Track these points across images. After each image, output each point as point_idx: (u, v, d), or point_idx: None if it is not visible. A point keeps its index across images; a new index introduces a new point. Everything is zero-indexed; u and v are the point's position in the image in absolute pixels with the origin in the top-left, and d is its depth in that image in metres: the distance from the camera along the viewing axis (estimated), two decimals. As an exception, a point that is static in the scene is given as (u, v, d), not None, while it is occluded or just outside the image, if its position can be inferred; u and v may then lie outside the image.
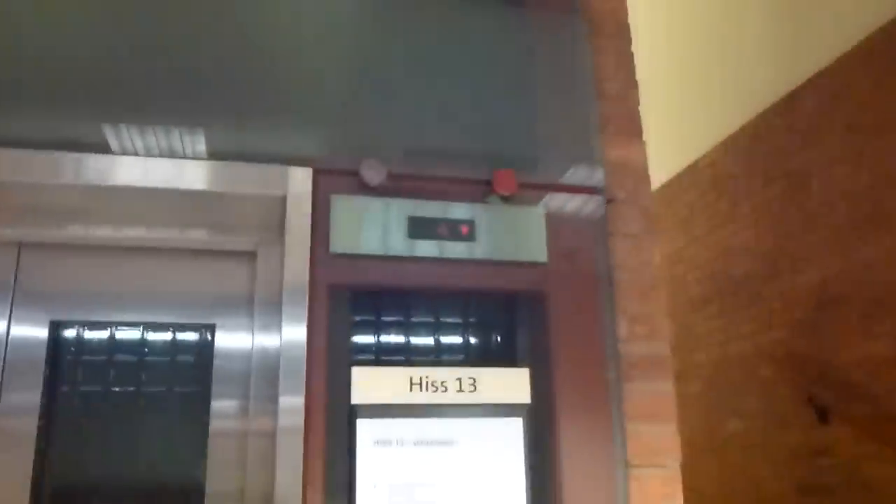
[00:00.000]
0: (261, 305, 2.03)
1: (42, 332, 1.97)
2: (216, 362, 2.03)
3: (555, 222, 2.11)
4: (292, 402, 1.81)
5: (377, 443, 1.84)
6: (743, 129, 4.86)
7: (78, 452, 1.95)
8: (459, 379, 1.92)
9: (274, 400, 1.84)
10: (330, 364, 1.87)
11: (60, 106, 1.93)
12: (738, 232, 4.88)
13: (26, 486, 1.86)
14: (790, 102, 4.42)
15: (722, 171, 5.08)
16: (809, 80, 4.25)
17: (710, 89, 4.95)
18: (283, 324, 1.87)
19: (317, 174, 1.98)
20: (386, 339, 2.02)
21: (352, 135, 2.07)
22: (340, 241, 1.93)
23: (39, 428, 1.90)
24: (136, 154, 1.93)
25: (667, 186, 5.70)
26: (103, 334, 2.02)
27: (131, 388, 2.00)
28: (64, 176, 1.87)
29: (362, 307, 2.02)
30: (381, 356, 2.01)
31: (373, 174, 1.99)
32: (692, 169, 5.43)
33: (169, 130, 1.96)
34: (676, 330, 5.39)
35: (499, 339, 2.10)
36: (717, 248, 5.10)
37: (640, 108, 2.35)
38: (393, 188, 2.02)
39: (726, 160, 5.04)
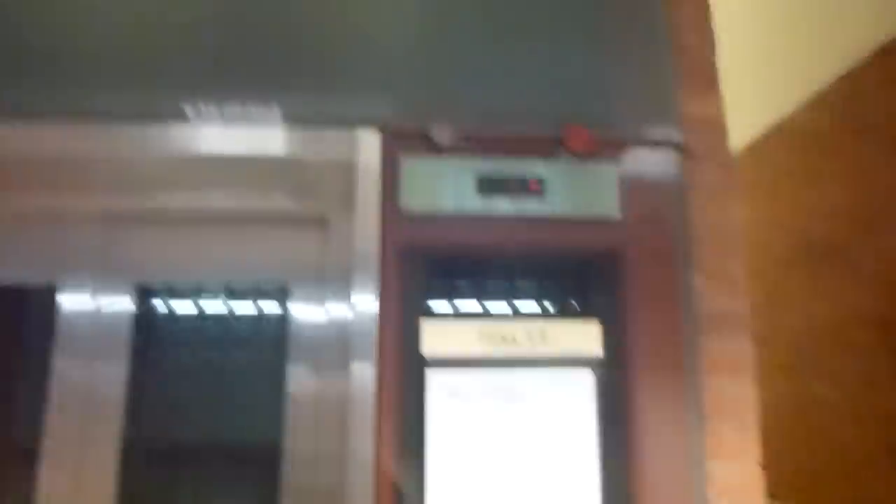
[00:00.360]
0: (332, 270, 2.08)
1: (128, 301, 2.07)
2: (290, 323, 2.09)
3: (630, 179, 2.09)
4: (364, 365, 1.86)
5: (448, 394, 1.87)
6: (834, 83, 4.65)
7: (163, 417, 2.05)
8: (529, 331, 1.93)
9: (346, 363, 1.89)
10: (402, 324, 1.91)
11: (137, 78, 2.01)
12: (828, 191, 4.70)
13: (115, 451, 1.97)
14: (886, 53, 4.21)
15: (811, 128, 4.89)
16: (908, 29, 4.04)
17: (796, 41, 4.74)
18: (355, 287, 1.91)
19: (386, 137, 2.00)
20: (458, 296, 2.05)
21: (419, 96, 2.08)
22: (411, 203, 1.96)
23: (127, 392, 2.00)
24: (200, 122, 1.99)
25: (751, 145, 5.53)
26: (186, 302, 2.11)
27: (212, 354, 2.09)
28: (141, 147, 1.95)
29: (434, 267, 2.05)
30: (454, 314, 2.04)
31: (442, 135, 2.00)
32: (778, 127, 5.24)
33: (242, 98, 2.01)
34: (761, 292, 5.26)
35: (571, 294, 2.10)
36: (805, 208, 4.93)
37: (720, 61, 2.28)
38: (462, 148, 2.03)
39: (816, 116, 4.84)
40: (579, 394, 1.93)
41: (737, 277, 2.11)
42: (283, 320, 2.10)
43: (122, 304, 2.06)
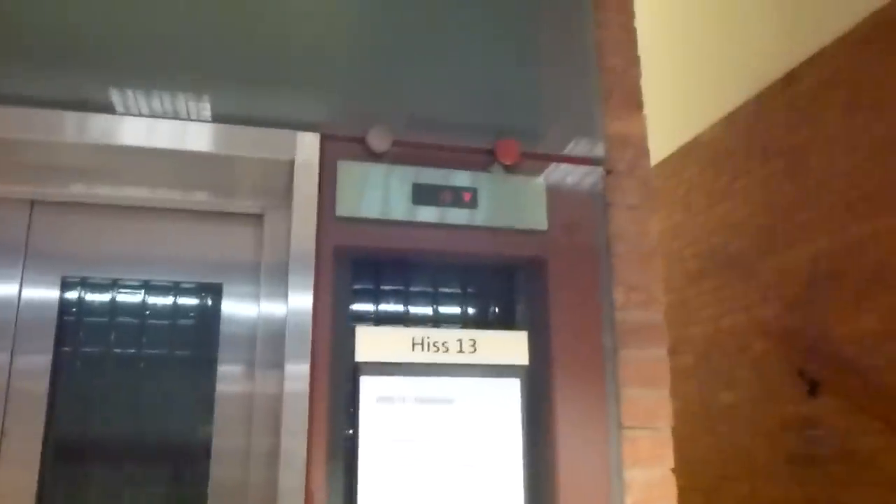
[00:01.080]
0: (267, 267, 2.09)
1: (54, 291, 2.02)
2: (223, 322, 2.09)
3: (555, 192, 2.17)
4: (298, 364, 1.86)
5: (379, 399, 1.91)
6: (743, 106, 4.90)
7: (89, 410, 2.01)
8: (460, 340, 1.99)
9: (279, 361, 1.89)
10: (335, 326, 1.93)
11: (69, 66, 1.97)
12: (735, 207, 4.94)
13: (38, 443, 1.92)
14: (790, 80, 4.46)
15: (721, 147, 5.12)
16: (810, 59, 4.28)
17: (711, 66, 4.98)
18: (290, 286, 1.91)
19: (324, 140, 2.03)
20: (389, 301, 2.09)
21: (358, 102, 2.11)
22: (346, 206, 1.98)
23: (51, 385, 1.96)
24: (142, 115, 1.96)
25: (667, 161, 5.75)
26: (115, 293, 2.08)
27: (142, 348, 2.07)
28: (84, 135, 1.91)
29: (367, 271, 2.09)
30: (385, 319, 2.08)
31: (379, 141, 2.04)
32: (692, 144, 5.47)
33: (177, 94, 2.00)
34: (672, 303, 5.47)
35: (498, 303, 2.17)
36: (714, 222, 5.16)
37: (642, 82, 2.39)
38: (398, 155, 2.07)
39: (726, 136, 5.08)
40: (506, 401, 1.99)
41: (653, 289, 2.20)
42: (215, 316, 2.10)
43: (47, 295, 2.02)
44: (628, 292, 2.17)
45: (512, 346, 2.03)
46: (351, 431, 1.90)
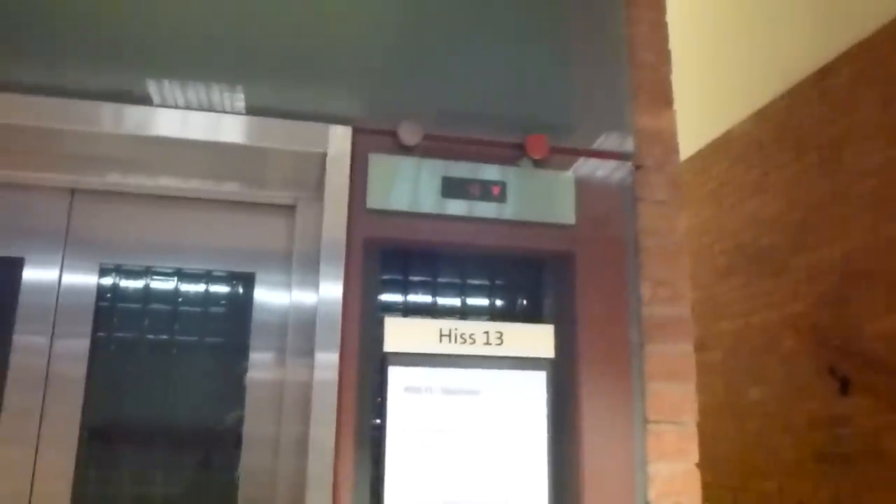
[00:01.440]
0: (299, 257, 2.13)
1: (92, 277, 2.07)
2: (255, 310, 2.14)
3: (584, 186, 2.18)
4: (328, 353, 1.90)
5: (407, 389, 1.94)
6: (775, 101, 4.85)
7: (124, 395, 2.07)
8: (487, 332, 2.01)
9: (310, 350, 1.93)
10: (364, 317, 1.96)
11: (108, 59, 2.02)
12: (766, 203, 4.90)
13: (76, 426, 1.98)
14: (824, 75, 4.41)
15: (753, 142, 5.08)
16: (844, 54, 4.23)
17: (743, 61, 4.93)
18: (321, 277, 1.95)
19: (356, 133, 2.06)
20: (418, 293, 2.12)
21: (390, 96, 2.14)
22: (377, 198, 2.02)
23: (89, 369, 2.01)
24: (178, 107, 2.01)
25: (697, 156, 5.71)
26: (150, 280, 2.13)
27: (176, 334, 2.12)
28: (121, 126, 1.96)
29: (396, 262, 2.12)
30: (413, 310, 2.11)
31: (410, 135, 2.07)
32: (723, 139, 5.43)
33: (212, 86, 2.04)
34: (701, 298, 5.44)
35: (526, 296, 2.19)
36: (745, 218, 5.12)
37: (672, 77, 2.39)
38: (428, 148, 2.09)
39: (758, 131, 5.03)
40: (532, 393, 2.01)
41: (680, 285, 2.21)
42: (247, 305, 2.14)
43: (86, 281, 2.07)
44: (655, 287, 2.18)
45: (538, 339, 2.05)
46: (378, 421, 1.93)
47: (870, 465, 3.83)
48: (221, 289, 2.17)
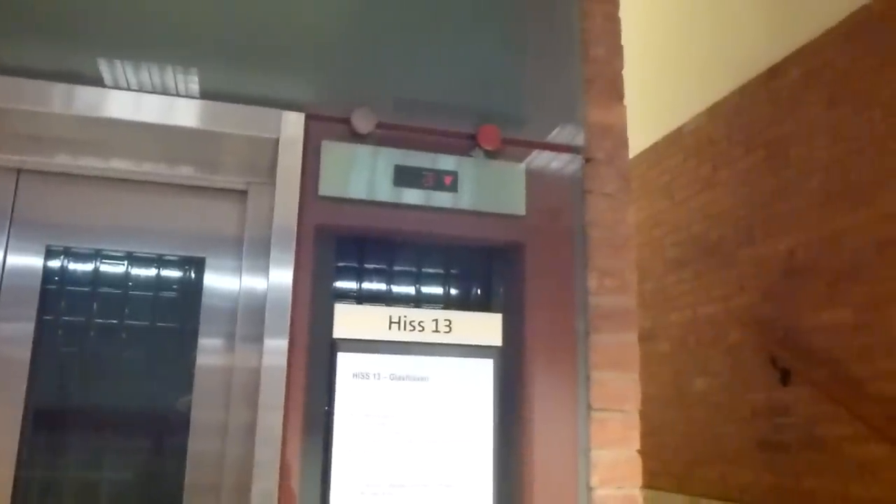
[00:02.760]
0: (250, 243, 2.13)
1: (38, 259, 2.04)
2: (205, 295, 2.13)
3: (535, 178, 2.21)
4: (277, 339, 1.91)
5: (355, 376, 1.96)
6: (726, 98, 4.94)
7: (70, 379, 2.05)
8: (436, 320, 2.04)
9: (259, 336, 1.93)
10: (314, 303, 1.97)
11: (59, 37, 1.99)
12: (716, 198, 5.00)
13: (19, 409, 1.95)
14: (774, 74, 4.51)
15: (704, 138, 5.17)
16: (793, 54, 4.33)
17: (695, 58, 5.01)
18: (272, 263, 1.95)
19: (308, 119, 2.06)
20: (368, 280, 2.14)
21: (344, 83, 2.15)
22: (329, 185, 2.02)
23: (34, 353, 1.99)
24: (130, 89, 1.99)
25: (650, 150, 5.80)
26: (98, 264, 2.11)
27: (124, 319, 2.10)
28: (71, 107, 1.93)
29: (347, 250, 2.13)
30: (363, 297, 2.13)
31: (363, 122, 2.07)
32: (675, 134, 5.52)
33: (165, 69, 2.03)
34: (652, 290, 5.54)
35: (475, 285, 2.22)
36: (695, 212, 5.22)
37: (624, 72, 2.43)
38: (382, 137, 2.11)
39: (709, 127, 5.13)
40: (479, 380, 2.05)
41: (627, 276, 2.25)
42: (197, 290, 2.13)
43: (31, 263, 2.04)
44: (602, 278, 2.22)
45: (487, 328, 2.08)
46: (327, 407, 1.95)
47: (808, 452, 3.95)
48: (171, 273, 2.15)
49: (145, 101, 1.98)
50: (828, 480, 3.80)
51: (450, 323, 2.05)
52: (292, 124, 2.04)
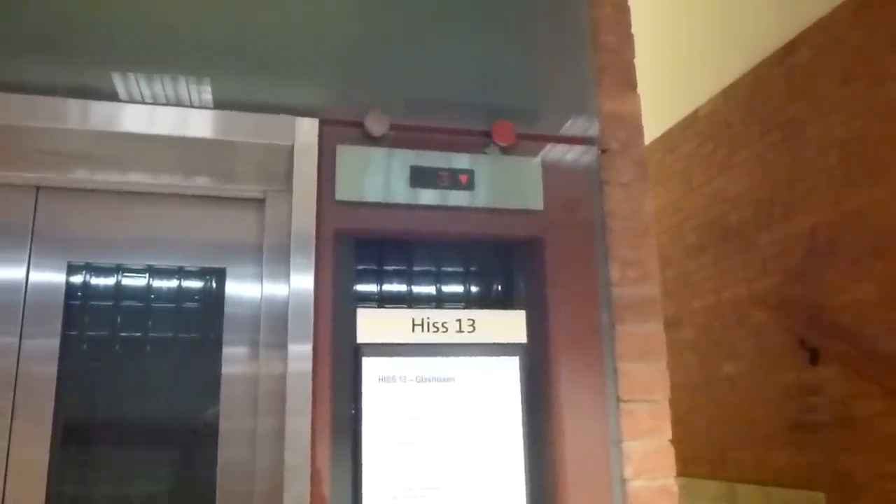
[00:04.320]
0: (269, 250, 2.13)
1: (60, 275, 2.05)
2: (227, 304, 2.13)
3: (551, 171, 2.20)
4: (301, 344, 1.91)
5: (381, 380, 1.95)
6: (740, 79, 4.90)
7: (98, 394, 2.06)
8: (459, 320, 2.03)
9: (283, 343, 1.93)
10: (336, 308, 1.97)
11: (72, 54, 2.00)
12: (734, 180, 4.96)
13: (48, 425, 1.96)
14: (787, 52, 4.46)
15: (719, 121, 5.13)
16: (805, 31, 4.28)
17: (707, 41, 4.96)
18: (292, 269, 1.95)
19: (323, 125, 2.06)
20: (389, 283, 2.13)
21: (355, 87, 2.14)
22: (346, 190, 2.02)
23: (60, 368, 2.00)
24: (144, 102, 2.00)
25: (666, 136, 5.75)
26: (121, 278, 2.12)
27: (148, 331, 2.11)
28: (86, 122, 1.94)
29: (367, 253, 2.13)
30: (385, 299, 2.12)
31: (376, 125, 2.07)
32: (690, 119, 5.47)
33: (178, 81, 2.03)
34: (674, 277, 5.50)
35: (497, 282, 2.21)
36: (713, 196, 5.18)
37: (636, 60, 2.41)
38: (396, 138, 2.10)
39: (724, 110, 5.08)
40: (506, 379, 2.04)
41: (649, 265, 2.24)
42: (219, 299, 2.14)
43: (54, 279, 2.05)
44: (624, 268, 2.21)
45: (510, 325, 2.07)
46: (354, 411, 1.95)
47: (841, 430, 3.92)
48: (192, 284, 2.16)
49: (160, 113, 1.99)
50: (863, 458, 3.77)
51: (473, 322, 2.04)
52: (306, 130, 2.04)
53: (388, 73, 2.17)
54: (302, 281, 1.95)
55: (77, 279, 2.08)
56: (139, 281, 2.13)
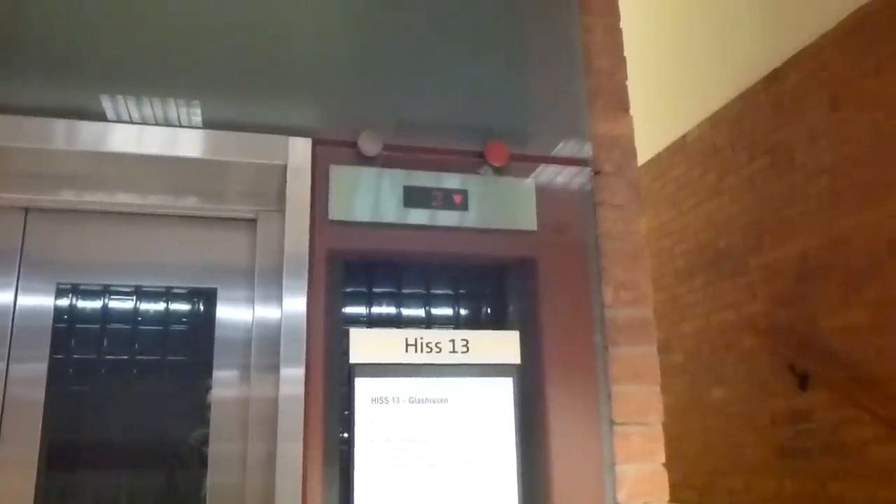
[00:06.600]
0: (261, 271, 2.11)
1: (49, 298, 2.03)
2: (218, 326, 2.11)
3: (544, 193, 2.20)
4: (293, 367, 1.89)
5: (374, 401, 1.93)
6: (729, 104, 4.94)
7: (85, 417, 2.03)
8: (452, 340, 2.01)
9: (275, 366, 1.91)
10: (329, 329, 1.95)
11: (60, 74, 1.98)
12: (723, 205, 4.98)
13: (35, 449, 1.93)
14: (774, 79, 4.51)
15: (709, 146, 5.17)
16: (793, 58, 4.34)
17: (697, 66, 5.03)
18: (284, 291, 1.94)
19: (316, 145, 2.05)
20: (382, 303, 2.12)
21: (349, 107, 2.14)
22: (339, 209, 2.01)
23: (47, 392, 1.96)
24: (133, 122, 1.98)
25: (655, 160, 5.79)
26: (109, 300, 2.09)
27: (137, 354, 2.08)
28: (75, 143, 1.93)
29: (360, 273, 2.11)
30: (378, 320, 2.10)
31: (370, 145, 2.07)
32: (680, 143, 5.51)
33: (168, 100, 2.02)
34: (664, 300, 5.51)
35: (490, 303, 2.20)
36: (703, 220, 5.20)
37: (628, 83, 2.42)
38: (389, 158, 2.10)
39: (713, 135, 5.12)
40: (499, 400, 2.02)
41: (642, 287, 2.23)
42: (210, 321, 2.11)
43: (42, 302, 2.02)
44: (617, 290, 2.20)
45: (504, 346, 2.06)
46: (346, 434, 1.92)
47: (832, 457, 3.90)
48: (183, 306, 2.14)
49: (149, 133, 1.98)
50: (854, 484, 3.75)
51: (467, 343, 2.02)
52: (299, 150, 2.03)
53: (381, 93, 2.17)
54: (294, 302, 1.93)
55: (66, 302, 2.05)
56: (129, 303, 2.10)
